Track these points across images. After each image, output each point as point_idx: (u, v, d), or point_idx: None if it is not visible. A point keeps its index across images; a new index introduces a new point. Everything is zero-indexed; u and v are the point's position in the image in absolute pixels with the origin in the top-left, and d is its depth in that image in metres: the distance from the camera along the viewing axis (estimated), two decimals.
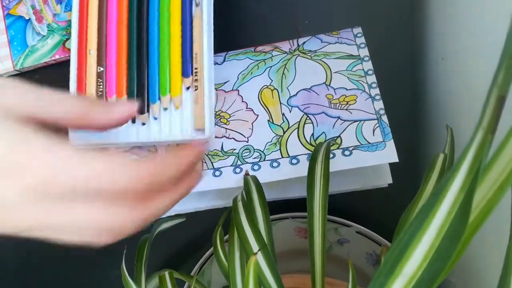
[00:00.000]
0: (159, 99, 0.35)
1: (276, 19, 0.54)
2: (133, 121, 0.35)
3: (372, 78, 0.42)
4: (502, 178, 0.19)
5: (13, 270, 0.55)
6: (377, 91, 0.40)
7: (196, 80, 0.35)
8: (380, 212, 0.48)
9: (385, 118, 0.38)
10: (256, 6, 0.54)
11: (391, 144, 0.37)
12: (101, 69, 0.34)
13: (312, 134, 0.39)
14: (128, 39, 0.35)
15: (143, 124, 0.35)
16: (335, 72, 0.43)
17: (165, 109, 0.35)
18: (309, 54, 0.45)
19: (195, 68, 0.35)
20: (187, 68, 0.35)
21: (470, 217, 0.19)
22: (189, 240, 0.53)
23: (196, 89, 0.35)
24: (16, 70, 0.57)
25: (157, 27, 0.35)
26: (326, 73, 0.43)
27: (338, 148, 0.38)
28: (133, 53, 0.35)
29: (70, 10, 0.42)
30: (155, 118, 0.35)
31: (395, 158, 0.36)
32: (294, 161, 0.38)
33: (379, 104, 0.40)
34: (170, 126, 0.35)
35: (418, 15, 0.52)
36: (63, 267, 0.54)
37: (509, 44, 0.17)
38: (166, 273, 0.39)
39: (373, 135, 0.38)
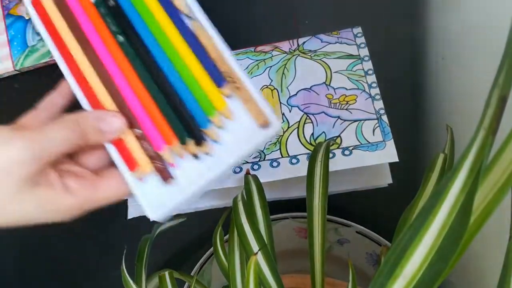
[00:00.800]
0: (210, 121, 0.32)
1: (276, 19, 0.54)
2: (196, 157, 0.31)
3: (372, 78, 0.41)
4: (503, 180, 0.19)
5: (13, 270, 0.55)
6: (377, 90, 0.40)
7: (233, 82, 0.32)
8: (380, 212, 0.48)
9: (385, 118, 0.38)
10: (257, 6, 0.54)
11: (391, 144, 0.37)
12: (139, 131, 0.31)
13: (312, 134, 0.39)
14: (146, 86, 0.32)
15: (207, 154, 0.32)
16: (335, 72, 0.43)
17: (221, 127, 0.32)
18: (309, 54, 0.45)
19: (225, 72, 0.32)
20: (218, 77, 0.32)
21: (471, 218, 0.18)
22: (189, 240, 0.53)
23: (238, 90, 0.32)
24: (16, 70, 0.56)
25: (167, 59, 0.32)
26: (326, 73, 0.43)
27: (338, 147, 0.38)
28: (160, 97, 0.32)
29: None
30: (216, 142, 0.32)
31: (395, 158, 0.36)
32: (294, 160, 0.38)
33: (379, 104, 0.39)
34: (237, 140, 0.31)
35: (418, 15, 0.52)
36: (63, 267, 0.54)
37: (511, 44, 0.17)
38: (166, 273, 0.39)
39: (373, 134, 0.38)
